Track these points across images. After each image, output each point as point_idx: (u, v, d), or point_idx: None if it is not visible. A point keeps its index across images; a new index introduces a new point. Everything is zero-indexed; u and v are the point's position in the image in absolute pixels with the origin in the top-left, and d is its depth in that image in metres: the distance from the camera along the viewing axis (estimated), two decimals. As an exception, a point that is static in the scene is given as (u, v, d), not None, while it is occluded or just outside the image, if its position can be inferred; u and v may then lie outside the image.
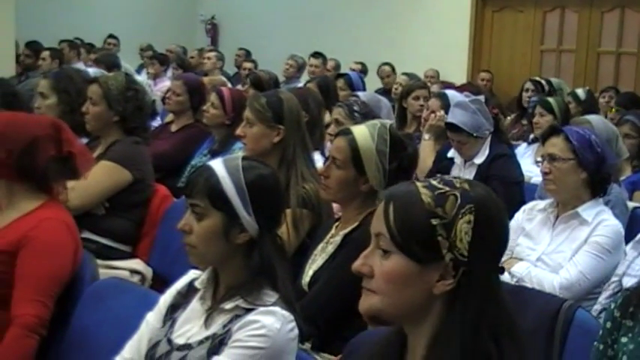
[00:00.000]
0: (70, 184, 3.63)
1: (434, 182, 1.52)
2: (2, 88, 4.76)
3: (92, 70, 5.98)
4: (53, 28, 11.55)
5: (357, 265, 1.54)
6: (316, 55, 9.51)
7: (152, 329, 2.18)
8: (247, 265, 2.08)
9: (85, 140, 4.06)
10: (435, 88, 7.09)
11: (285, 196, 3.14)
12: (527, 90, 7.56)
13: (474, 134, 4.45)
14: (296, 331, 2.02)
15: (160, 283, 3.36)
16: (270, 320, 1.97)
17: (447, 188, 1.50)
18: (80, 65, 9.29)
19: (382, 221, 1.52)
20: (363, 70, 10.16)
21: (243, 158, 2.14)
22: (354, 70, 9.28)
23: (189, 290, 2.19)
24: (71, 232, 2.77)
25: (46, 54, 8.59)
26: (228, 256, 2.09)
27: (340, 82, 6.85)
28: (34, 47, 9.41)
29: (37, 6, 12.14)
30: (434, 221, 1.47)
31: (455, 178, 1.55)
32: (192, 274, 2.23)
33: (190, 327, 2.10)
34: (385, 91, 8.78)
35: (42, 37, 10.01)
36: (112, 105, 3.82)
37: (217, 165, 2.10)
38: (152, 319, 2.20)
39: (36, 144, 2.73)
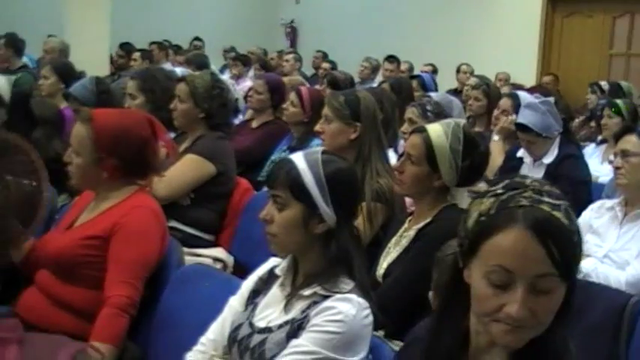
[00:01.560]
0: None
1: (551, 200, 1.39)
2: (98, 87, 4.87)
3: (180, 70, 6.06)
4: (144, 30, 11.75)
5: (522, 314, 1.36)
6: (390, 59, 9.50)
7: (235, 312, 2.20)
8: (325, 254, 2.08)
9: (172, 135, 4.12)
10: (505, 90, 7.01)
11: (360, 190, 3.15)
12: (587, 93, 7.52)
13: (543, 134, 4.39)
14: (371, 318, 2.01)
15: (241, 271, 3.39)
16: (347, 307, 1.97)
17: (560, 201, 1.40)
18: (168, 65, 9.44)
19: (546, 262, 1.36)
20: (434, 71, 10.10)
21: (323, 152, 2.14)
22: (425, 71, 9.22)
23: (270, 277, 2.20)
24: (158, 220, 2.81)
25: (137, 55, 8.75)
26: (307, 245, 2.09)
27: (414, 84, 6.82)
28: (126, 48, 9.62)
29: (130, 10, 12.37)
30: (575, 238, 1.40)
31: (548, 184, 1.44)
32: (272, 261, 2.24)
33: (271, 311, 2.12)
34: (455, 92, 8.70)
35: (134, 39, 10.20)
36: (198, 102, 3.86)
37: (298, 158, 2.11)
38: (235, 302, 2.23)
39: (146, 145, 2.78)
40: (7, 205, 2.79)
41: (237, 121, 6.15)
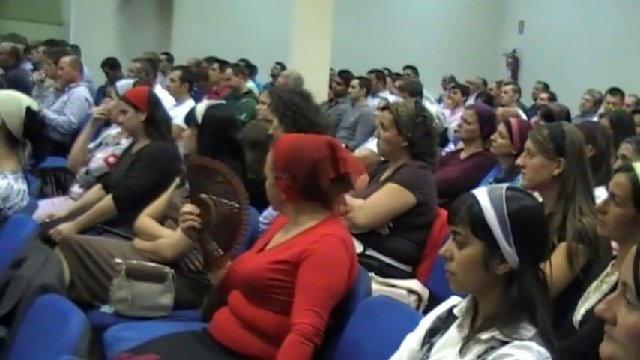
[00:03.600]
0: (358, 203, 3.70)
1: None
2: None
3: (392, 98, 6.08)
4: (363, 58, 11.96)
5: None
6: (613, 91, 9.00)
7: (411, 350, 2.12)
8: (506, 297, 1.95)
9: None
10: None
11: (561, 229, 2.96)
12: None
13: None
14: (551, 369, 1.86)
15: (436, 305, 3.29)
16: (525, 355, 1.83)
17: None
18: (385, 94, 9.53)
19: (630, 272, 1.30)
20: (662, 105, 9.45)
21: (508, 188, 2.01)
22: (652, 105, 8.66)
23: (449, 316, 2.10)
24: (347, 248, 2.77)
25: (355, 82, 8.86)
26: (487, 285, 1.97)
27: (637, 118, 6.41)
28: (345, 76, 9.78)
29: (349, 37, 12.66)
30: None
31: None
32: (452, 300, 2.14)
33: (446, 353, 2.01)
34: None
35: (353, 67, 10.39)
36: (401, 130, 3.83)
37: (481, 194, 1.99)
38: (412, 340, 2.15)
39: (317, 168, 2.77)
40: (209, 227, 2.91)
41: (448, 150, 6.06)
